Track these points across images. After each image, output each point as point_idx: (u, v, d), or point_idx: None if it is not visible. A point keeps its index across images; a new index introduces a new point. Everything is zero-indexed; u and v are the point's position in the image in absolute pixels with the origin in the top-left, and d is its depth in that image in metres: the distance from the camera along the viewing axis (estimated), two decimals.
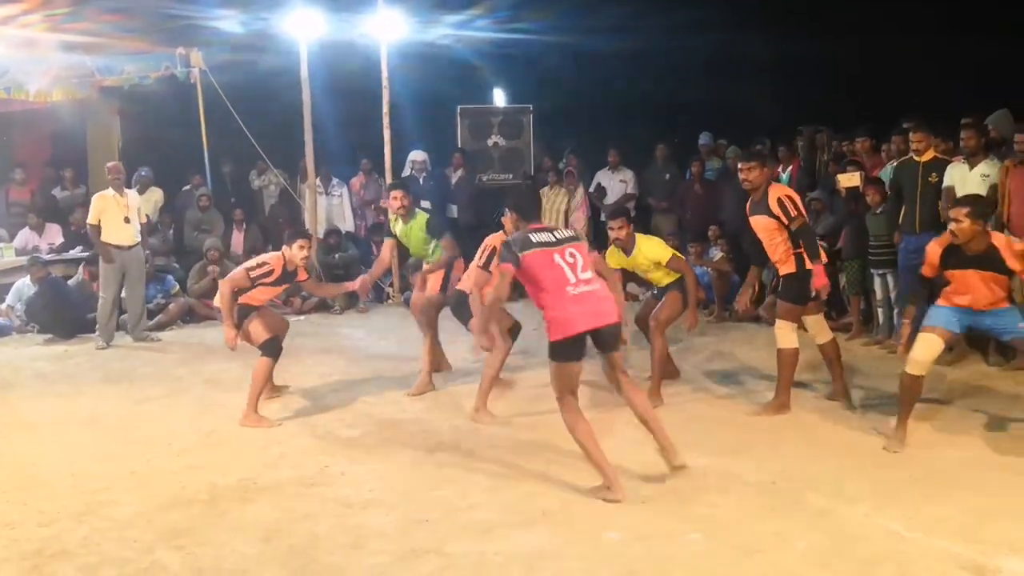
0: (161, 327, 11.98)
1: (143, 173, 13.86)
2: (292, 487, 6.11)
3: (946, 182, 8.94)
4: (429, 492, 5.92)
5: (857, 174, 10.24)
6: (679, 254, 8.49)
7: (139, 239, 11.42)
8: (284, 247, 8.07)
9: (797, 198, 7.45)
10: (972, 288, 6.63)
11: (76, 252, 12.99)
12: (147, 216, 11.97)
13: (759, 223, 7.43)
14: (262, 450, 6.91)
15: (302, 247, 8.07)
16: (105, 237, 11.15)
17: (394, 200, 8.59)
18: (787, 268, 7.40)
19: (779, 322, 7.50)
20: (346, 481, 6.18)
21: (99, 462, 6.71)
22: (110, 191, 11.22)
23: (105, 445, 7.14)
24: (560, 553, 4.94)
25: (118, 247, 11.20)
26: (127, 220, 11.19)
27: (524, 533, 5.22)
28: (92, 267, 12.18)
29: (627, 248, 8.19)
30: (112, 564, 4.97)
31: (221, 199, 14.67)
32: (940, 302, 6.81)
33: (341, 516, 5.57)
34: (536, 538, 5.14)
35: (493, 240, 8.00)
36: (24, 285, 12.18)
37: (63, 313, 11.73)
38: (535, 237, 5.81)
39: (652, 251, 8.20)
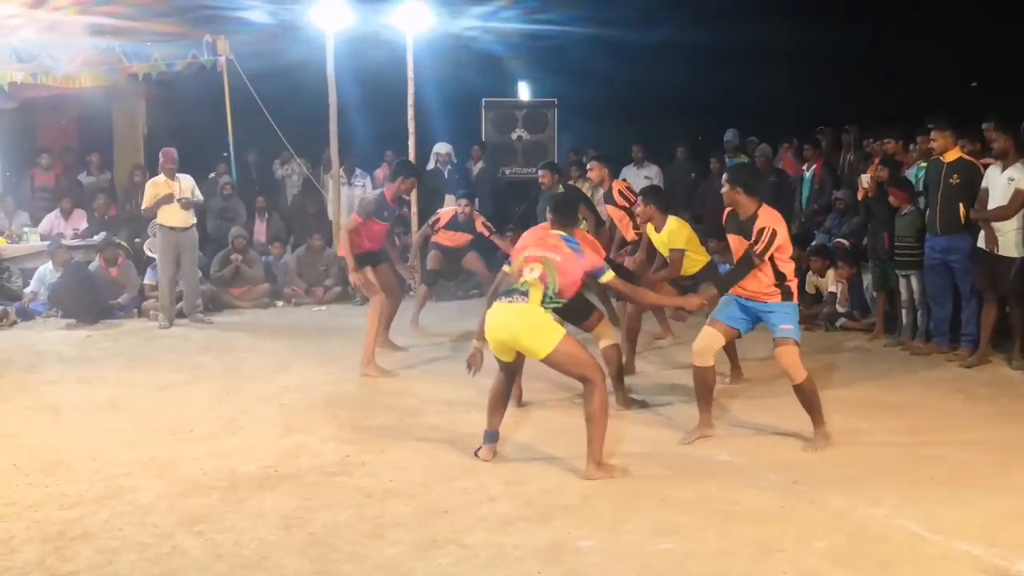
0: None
1: None
2: (312, 476, 6.13)
3: (983, 184, 8.87)
4: (449, 483, 5.93)
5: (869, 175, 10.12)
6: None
7: (193, 222, 11.79)
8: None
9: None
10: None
11: (99, 238, 13.06)
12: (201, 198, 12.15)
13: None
14: (283, 438, 6.92)
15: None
16: (161, 220, 11.56)
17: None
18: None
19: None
20: (366, 471, 6.19)
21: (121, 447, 6.74)
22: (162, 177, 11.62)
23: (127, 430, 7.17)
24: (579, 549, 4.93)
25: (172, 229, 11.55)
26: (182, 202, 11.54)
27: (543, 527, 5.21)
28: (107, 254, 12.29)
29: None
30: (132, 548, 5.00)
31: (245, 188, 14.71)
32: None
33: (361, 505, 5.58)
34: (555, 532, 5.14)
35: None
36: (47, 270, 12.26)
37: (86, 298, 11.79)
38: None
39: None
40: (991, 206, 8.69)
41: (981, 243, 8.78)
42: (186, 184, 11.65)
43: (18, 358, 9.84)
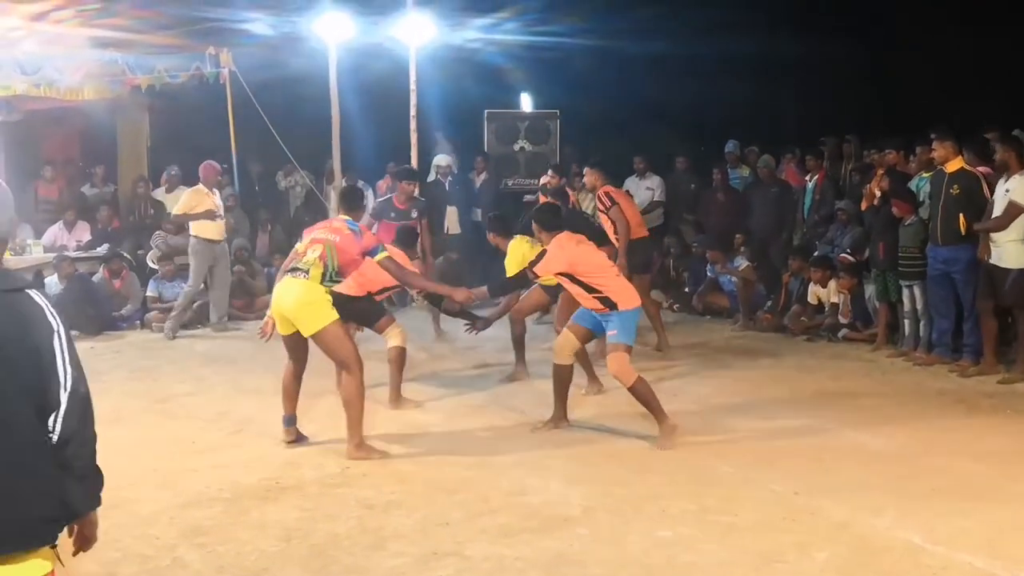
0: (187, 325, 12.03)
1: (173, 172, 13.98)
2: (314, 487, 6.14)
3: (993, 196, 8.86)
4: (450, 495, 5.93)
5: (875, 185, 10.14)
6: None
7: (227, 236, 11.99)
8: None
9: None
10: None
11: (103, 250, 13.08)
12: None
13: None
14: (284, 450, 6.93)
15: None
16: (197, 231, 11.65)
17: None
18: None
19: None
20: (368, 482, 6.19)
21: (123, 459, 6.69)
22: (202, 187, 11.71)
23: (129, 442, 7.16)
24: (580, 560, 4.93)
25: (210, 241, 11.68)
26: (220, 217, 11.78)
27: (545, 538, 5.21)
28: (111, 265, 12.33)
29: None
30: (134, 560, 5.00)
31: (248, 200, 14.73)
32: None
33: (362, 517, 5.58)
34: (557, 544, 5.14)
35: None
36: (51, 282, 12.27)
37: (90, 310, 11.82)
38: None
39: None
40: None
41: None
42: (218, 199, 11.83)
43: None
